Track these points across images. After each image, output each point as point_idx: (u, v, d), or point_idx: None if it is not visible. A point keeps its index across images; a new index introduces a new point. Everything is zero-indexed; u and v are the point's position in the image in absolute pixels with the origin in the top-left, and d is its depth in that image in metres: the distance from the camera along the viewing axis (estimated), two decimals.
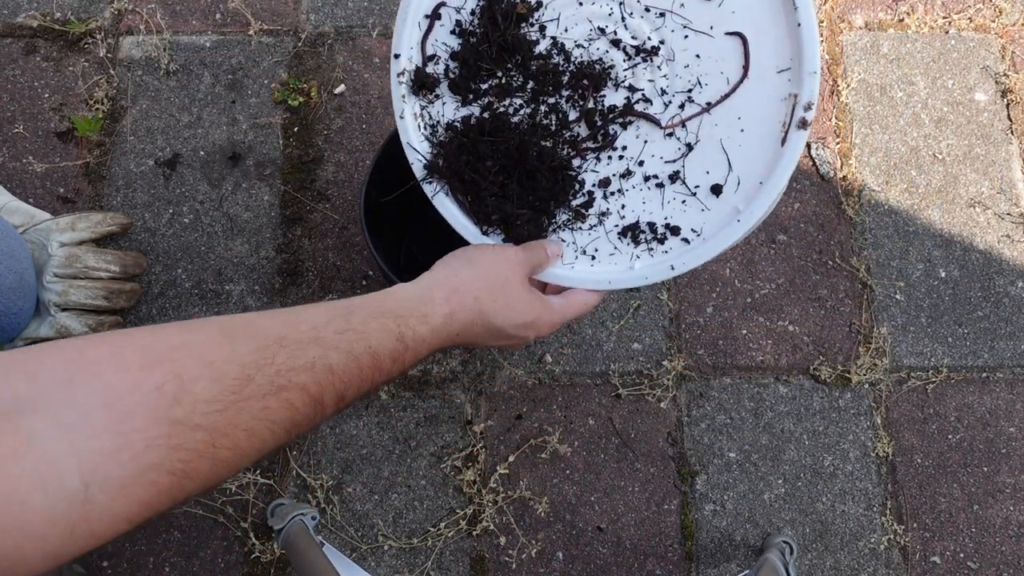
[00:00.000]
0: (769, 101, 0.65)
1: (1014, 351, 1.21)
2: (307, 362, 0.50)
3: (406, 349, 0.59)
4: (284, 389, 0.49)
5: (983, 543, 1.13)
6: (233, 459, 0.46)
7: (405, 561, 1.09)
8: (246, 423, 0.46)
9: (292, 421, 0.50)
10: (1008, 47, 1.36)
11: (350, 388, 0.54)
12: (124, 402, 0.41)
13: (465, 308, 0.64)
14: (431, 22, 0.71)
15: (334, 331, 0.54)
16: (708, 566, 1.11)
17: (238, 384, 0.46)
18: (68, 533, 0.39)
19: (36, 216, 1.14)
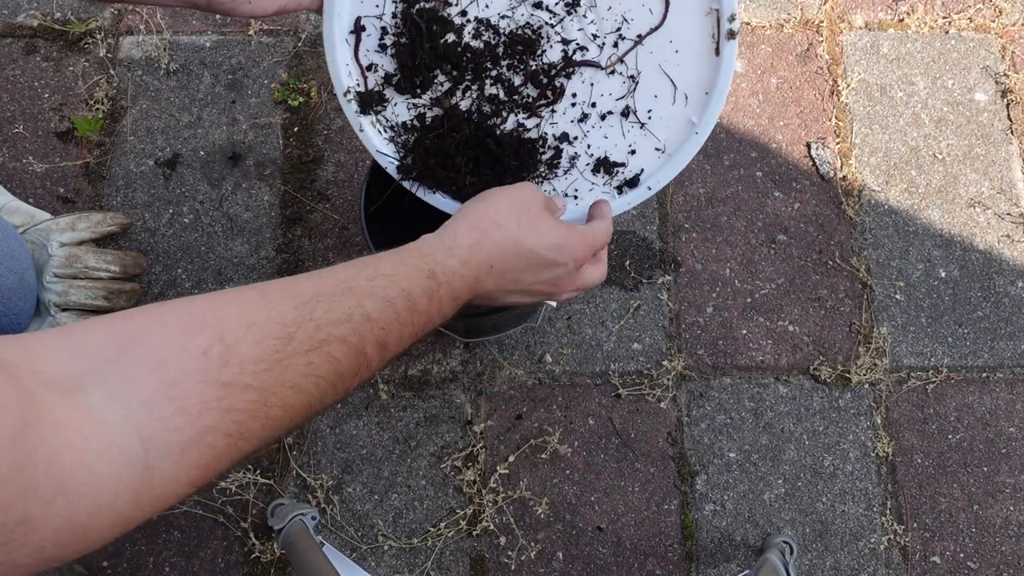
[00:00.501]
0: (694, 19, 0.70)
1: (1014, 351, 1.21)
2: (344, 314, 0.51)
3: (439, 285, 0.59)
4: (325, 343, 0.49)
5: (983, 543, 1.13)
6: (284, 416, 0.47)
7: (405, 561, 1.09)
8: (292, 380, 0.47)
9: (337, 374, 0.50)
10: (1008, 47, 1.36)
11: (391, 334, 0.54)
12: (174, 367, 0.42)
13: (489, 235, 0.63)
14: (357, 36, 0.74)
15: (365, 279, 0.54)
16: (708, 566, 1.11)
17: (280, 343, 0.47)
18: (134, 499, 0.40)
19: (36, 216, 1.14)
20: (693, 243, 1.24)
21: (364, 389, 1.16)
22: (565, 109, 0.75)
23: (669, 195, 1.26)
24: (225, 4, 0.67)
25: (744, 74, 1.33)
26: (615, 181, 0.77)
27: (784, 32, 1.36)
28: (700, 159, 1.28)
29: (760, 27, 1.35)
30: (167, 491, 0.42)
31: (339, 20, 0.72)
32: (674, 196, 1.26)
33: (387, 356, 0.56)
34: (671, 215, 1.25)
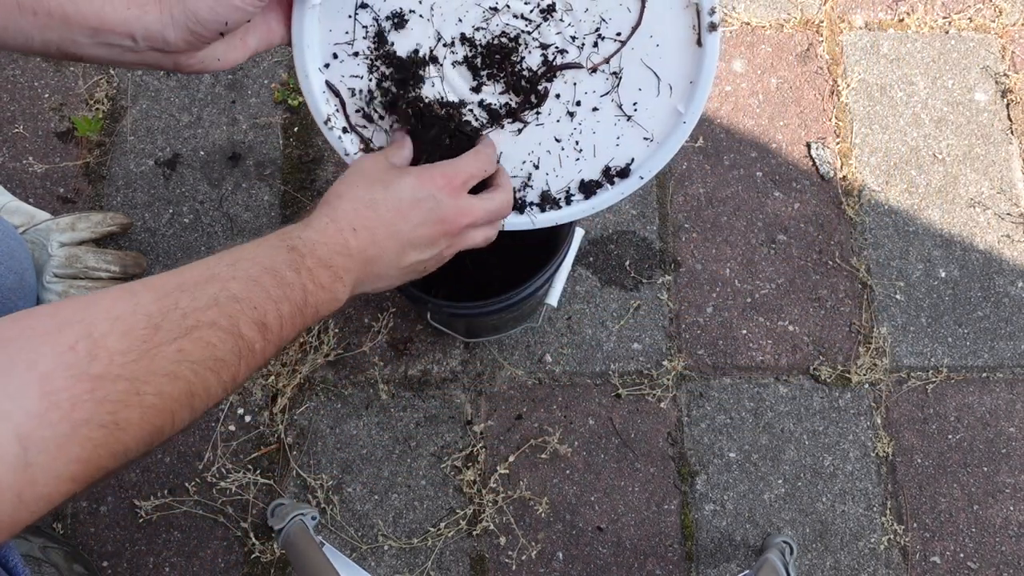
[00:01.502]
0: (673, 13, 0.69)
1: (1014, 351, 1.21)
2: (210, 299, 0.51)
3: (302, 256, 0.59)
4: (195, 329, 0.50)
5: (983, 543, 1.13)
6: (162, 405, 0.47)
7: (405, 561, 1.09)
8: (165, 368, 0.47)
9: (214, 358, 0.51)
10: (1008, 47, 1.36)
11: (267, 313, 0.54)
12: (43, 365, 0.43)
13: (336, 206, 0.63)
14: (329, 66, 0.74)
15: (226, 265, 0.55)
16: (708, 566, 1.11)
17: (148, 332, 0.47)
18: (16, 499, 0.40)
19: (36, 216, 1.14)
20: (693, 243, 1.24)
21: (364, 389, 1.16)
22: (550, 110, 0.76)
23: (669, 195, 1.26)
24: (193, 65, 0.67)
25: (744, 74, 1.33)
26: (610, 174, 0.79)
27: (784, 32, 1.36)
28: (700, 159, 1.28)
29: (760, 27, 1.35)
30: (50, 489, 0.42)
31: (310, 51, 0.71)
32: (674, 196, 1.26)
33: (272, 337, 0.55)
34: (671, 215, 1.25)
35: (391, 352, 1.17)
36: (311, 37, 0.71)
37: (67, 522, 1.09)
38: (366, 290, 0.67)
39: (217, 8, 0.62)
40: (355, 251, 0.63)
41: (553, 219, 0.81)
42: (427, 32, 0.71)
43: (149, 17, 0.62)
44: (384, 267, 0.66)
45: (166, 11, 0.62)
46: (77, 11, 0.60)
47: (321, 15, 0.70)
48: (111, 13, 0.61)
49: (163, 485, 1.11)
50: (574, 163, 0.79)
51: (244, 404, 1.15)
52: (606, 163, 0.79)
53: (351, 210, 0.64)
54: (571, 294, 1.21)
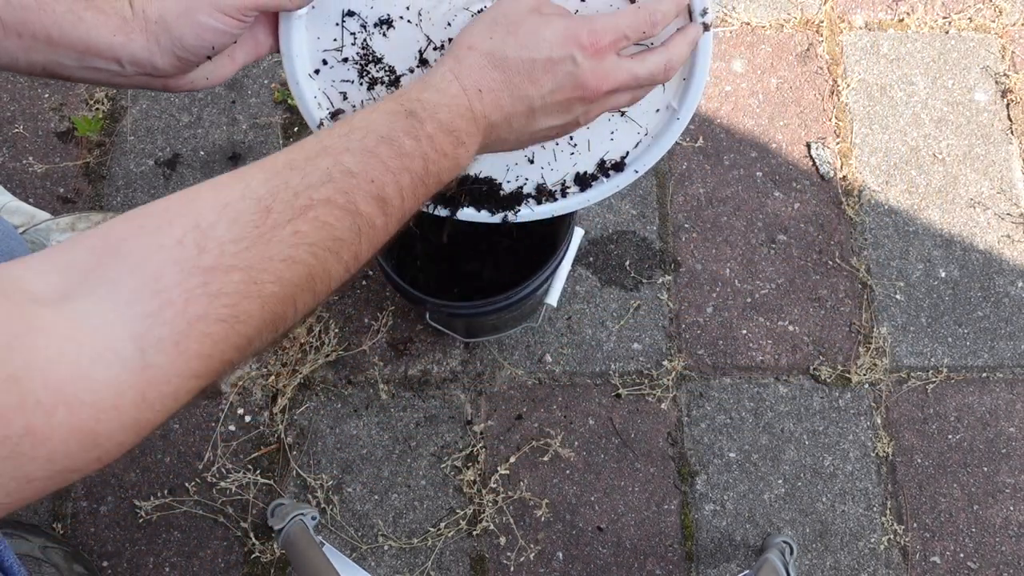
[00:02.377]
0: None
1: (1014, 351, 1.21)
2: (323, 175, 0.49)
3: (422, 122, 0.54)
4: (309, 208, 0.47)
5: (983, 543, 1.13)
6: (283, 292, 0.46)
7: (405, 561, 1.09)
8: (282, 253, 0.45)
9: (333, 238, 0.48)
10: (1008, 47, 1.36)
11: (386, 186, 0.51)
12: (152, 263, 0.42)
13: (463, 60, 0.57)
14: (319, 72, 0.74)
15: (339, 136, 0.51)
16: (708, 566, 1.11)
17: (259, 217, 0.45)
18: (140, 399, 0.40)
19: (36, 216, 1.14)
20: (693, 243, 1.24)
21: (364, 389, 1.16)
22: None
23: (669, 195, 1.26)
24: (183, 86, 0.66)
25: (744, 74, 1.33)
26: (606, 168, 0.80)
27: (784, 32, 1.36)
28: (700, 159, 1.28)
29: (760, 27, 1.36)
30: (173, 387, 0.41)
31: (299, 60, 0.71)
32: (674, 196, 1.26)
33: (393, 211, 0.52)
34: (671, 215, 1.25)
35: (391, 352, 1.17)
36: (299, 46, 0.71)
37: (67, 522, 1.09)
38: (492, 151, 0.62)
39: (202, 34, 0.62)
40: (479, 115, 0.58)
41: (549, 211, 0.81)
42: (416, 36, 0.71)
43: (135, 44, 0.61)
44: (511, 132, 0.61)
45: (152, 38, 0.62)
46: (63, 35, 0.60)
47: (308, 24, 0.70)
48: (97, 39, 0.61)
49: (163, 485, 1.11)
50: (568, 157, 0.80)
51: (244, 404, 1.15)
52: (601, 157, 0.79)
53: (478, 67, 0.57)
54: (571, 294, 1.21)
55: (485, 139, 0.59)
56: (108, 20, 0.61)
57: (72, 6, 0.60)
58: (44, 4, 0.59)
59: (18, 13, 0.58)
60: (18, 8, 0.58)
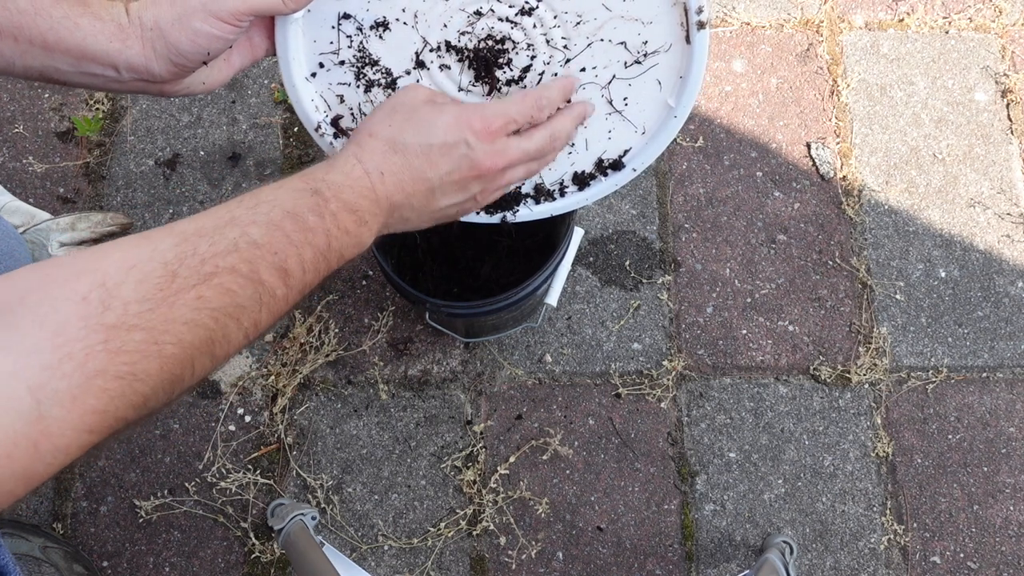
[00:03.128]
0: (660, 11, 0.68)
1: (1014, 351, 1.21)
2: (229, 244, 0.50)
3: (326, 200, 0.57)
4: (214, 275, 0.49)
5: (983, 543, 1.13)
6: (182, 354, 0.47)
7: (405, 561, 1.09)
8: (184, 316, 0.47)
9: (235, 305, 0.50)
10: (1008, 47, 1.36)
11: (288, 258, 0.53)
12: (56, 316, 0.42)
13: (366, 146, 0.61)
14: (316, 75, 0.74)
15: (246, 208, 0.53)
16: (708, 566, 1.11)
17: (164, 280, 0.46)
18: (32, 450, 0.40)
19: (36, 216, 1.14)
20: (693, 243, 1.24)
21: (364, 389, 1.16)
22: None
23: (669, 195, 1.26)
24: (179, 91, 0.66)
25: (744, 74, 1.33)
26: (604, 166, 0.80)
27: (784, 32, 1.36)
28: (700, 159, 1.28)
29: (760, 27, 1.36)
30: (66, 440, 0.42)
31: (295, 63, 0.71)
32: (674, 196, 1.26)
33: (294, 283, 0.54)
34: (671, 215, 1.25)
35: (391, 352, 1.17)
36: (296, 49, 0.70)
37: (67, 522, 1.09)
38: (394, 231, 0.65)
39: (198, 40, 0.61)
40: (381, 196, 0.60)
41: (548, 211, 0.81)
42: (412, 39, 0.71)
43: (131, 51, 0.61)
44: (412, 211, 0.63)
45: (148, 45, 0.61)
46: (58, 40, 0.60)
47: (304, 27, 0.69)
48: (93, 45, 0.60)
49: (163, 485, 1.11)
50: (566, 156, 0.79)
51: (244, 404, 1.15)
52: (599, 156, 0.79)
53: (379, 152, 0.61)
54: (571, 294, 1.21)
55: (387, 219, 0.62)
56: (104, 27, 0.60)
57: (68, 12, 0.60)
58: (40, 9, 0.59)
59: (13, 17, 0.58)
60: (13, 12, 0.58)
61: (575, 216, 0.91)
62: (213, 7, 0.60)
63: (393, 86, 0.74)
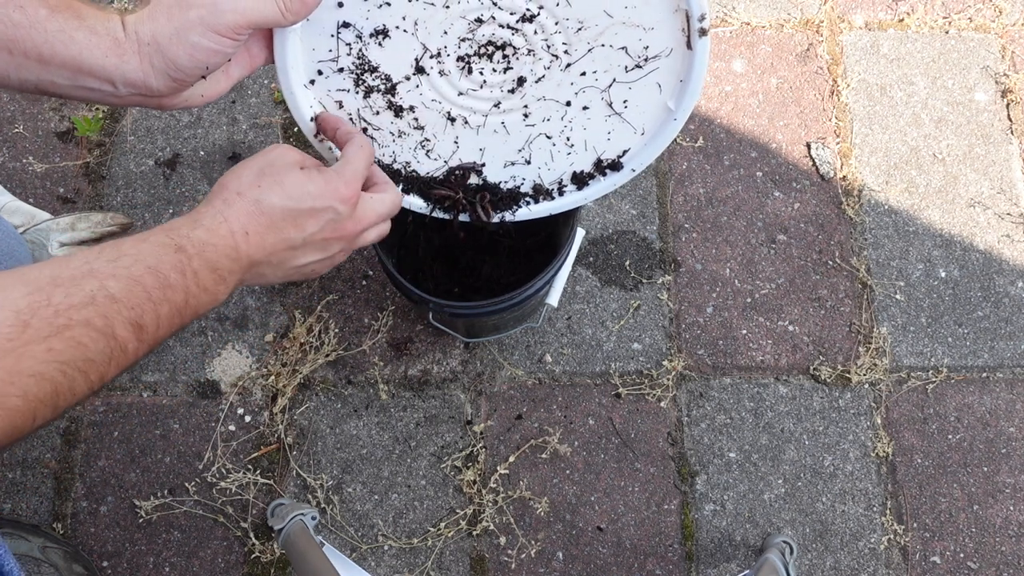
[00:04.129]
0: (662, 16, 0.68)
1: (1014, 351, 1.21)
2: (86, 296, 0.49)
3: (189, 258, 0.57)
4: (67, 328, 0.48)
5: (983, 543, 1.13)
6: (26, 407, 0.46)
7: (405, 561, 1.09)
8: (31, 368, 0.46)
9: (85, 359, 0.49)
10: (1008, 47, 1.36)
11: (145, 314, 0.53)
12: None
13: (231, 204, 0.61)
14: (315, 83, 0.73)
15: (107, 260, 0.52)
16: (708, 566, 1.11)
17: (15, 331, 0.45)
18: None
19: (36, 216, 1.14)
20: (693, 243, 1.24)
21: (364, 389, 1.16)
22: (540, 110, 0.76)
23: (669, 195, 1.26)
24: (177, 104, 0.66)
25: (744, 74, 1.33)
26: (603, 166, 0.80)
27: (784, 32, 1.36)
28: (700, 159, 1.28)
29: (760, 27, 1.36)
30: None
31: (294, 72, 0.71)
32: (674, 196, 1.26)
33: (147, 338, 0.54)
34: (671, 215, 1.25)
35: (391, 352, 1.17)
36: (294, 58, 0.70)
37: (67, 522, 1.09)
38: (250, 284, 0.66)
39: (196, 55, 0.61)
40: (243, 255, 0.61)
41: (547, 209, 0.81)
42: (412, 45, 0.70)
43: (129, 66, 0.61)
44: (271, 269, 0.64)
45: (145, 60, 0.61)
46: (54, 54, 0.59)
47: (303, 35, 0.69)
48: (89, 59, 0.60)
49: (163, 485, 1.11)
50: (565, 157, 0.80)
51: (244, 404, 1.15)
52: (598, 156, 0.79)
53: (246, 212, 0.61)
54: (571, 294, 1.21)
55: (244, 275, 0.63)
56: (100, 41, 0.60)
57: (64, 26, 0.59)
58: (35, 22, 0.58)
59: (8, 31, 0.57)
60: (8, 25, 0.57)
61: (578, 217, 0.92)
62: (211, 21, 0.60)
63: (393, 91, 0.73)
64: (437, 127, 0.76)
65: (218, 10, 0.60)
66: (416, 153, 0.79)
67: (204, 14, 0.60)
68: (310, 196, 0.63)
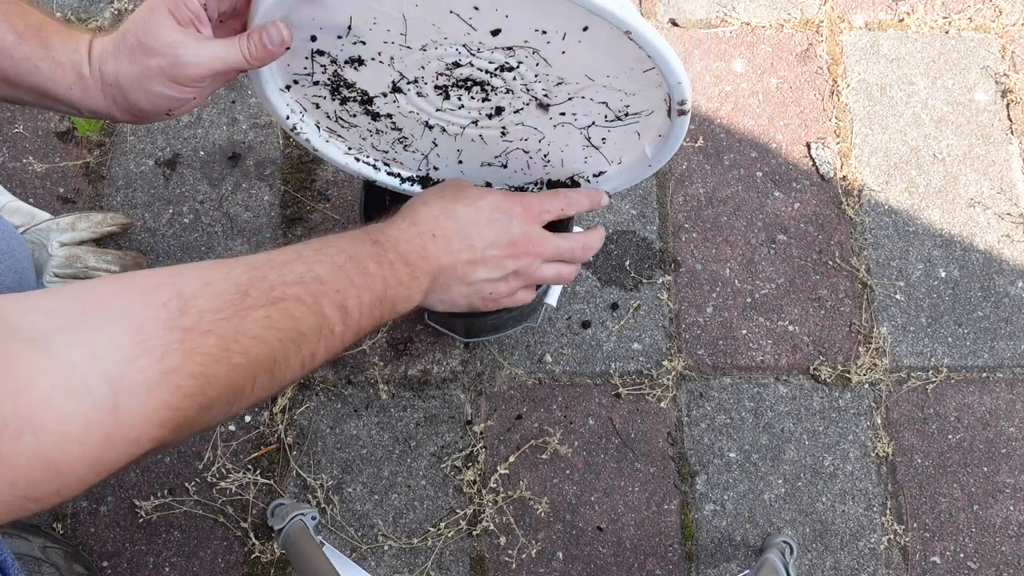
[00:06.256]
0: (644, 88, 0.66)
1: (1014, 351, 1.21)
2: (296, 276, 0.54)
3: (385, 250, 0.62)
4: (281, 300, 0.52)
5: (983, 543, 1.13)
6: (248, 365, 0.49)
7: (405, 561, 1.09)
8: (252, 330, 0.49)
9: (297, 331, 0.53)
10: (1008, 47, 1.36)
11: (348, 296, 0.57)
12: (136, 317, 0.44)
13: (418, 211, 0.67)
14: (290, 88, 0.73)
15: (313, 249, 0.58)
16: (708, 566, 1.11)
17: (237, 298, 0.49)
18: (105, 439, 0.41)
19: (36, 216, 1.14)
20: (693, 243, 1.24)
21: (364, 389, 1.16)
22: (518, 131, 0.75)
23: (669, 195, 1.26)
24: (146, 122, 0.67)
25: (744, 74, 1.33)
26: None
27: (784, 32, 1.36)
28: (700, 159, 1.28)
29: (760, 27, 1.36)
30: (138, 432, 0.43)
31: (269, 81, 0.70)
32: (674, 196, 1.26)
33: (352, 323, 0.58)
34: (671, 215, 1.25)
35: (391, 352, 1.17)
36: (269, 70, 0.69)
37: (67, 522, 1.09)
38: (434, 299, 0.70)
39: (158, 101, 0.62)
40: (431, 256, 0.66)
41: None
42: (388, 73, 0.69)
43: (92, 100, 0.61)
44: (454, 279, 0.68)
45: (109, 98, 0.61)
46: (20, 79, 0.60)
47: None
48: (53, 89, 0.60)
49: (163, 485, 1.11)
50: (542, 168, 0.80)
51: None
52: (573, 174, 0.80)
53: (432, 217, 0.67)
54: (571, 294, 1.21)
55: (433, 280, 0.67)
56: (64, 74, 0.60)
57: (30, 54, 0.59)
58: (2, 48, 0.58)
59: None
60: None
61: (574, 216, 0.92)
62: (172, 73, 0.60)
63: (369, 103, 0.73)
64: (415, 131, 0.76)
65: (179, 62, 0.60)
66: (395, 147, 0.79)
67: (165, 65, 0.60)
68: (489, 205, 0.69)
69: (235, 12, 0.64)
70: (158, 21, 0.60)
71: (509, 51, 0.63)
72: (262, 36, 0.61)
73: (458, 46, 0.63)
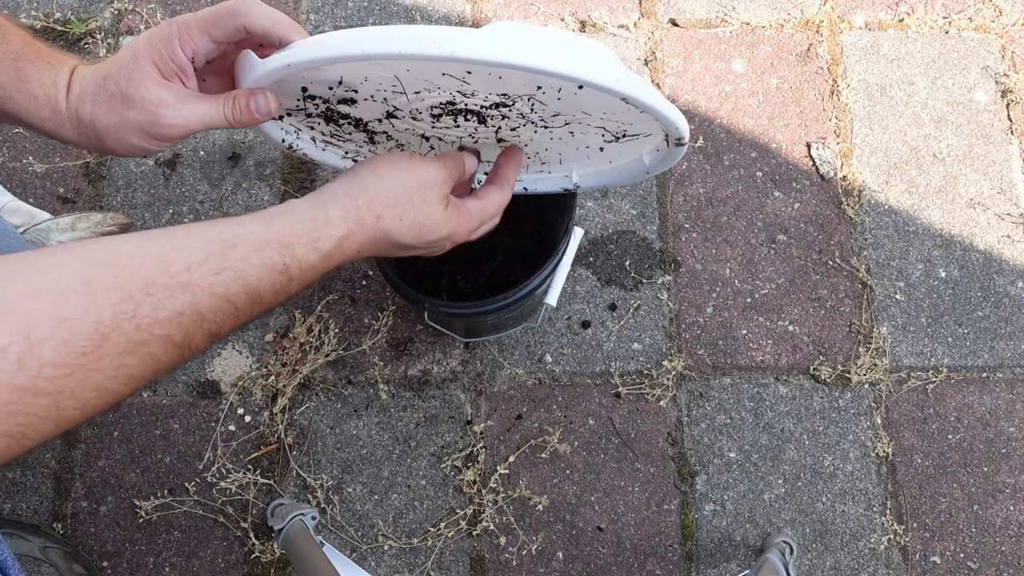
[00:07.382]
0: (642, 120, 0.67)
1: (1014, 351, 1.21)
2: (174, 312, 0.47)
3: (291, 281, 0.55)
4: (145, 344, 0.46)
5: (983, 543, 1.13)
6: (80, 417, 0.45)
7: (405, 561, 1.09)
8: (98, 383, 0.44)
9: (155, 371, 0.48)
10: (1008, 47, 1.36)
11: (224, 326, 0.52)
12: None
13: (365, 228, 0.59)
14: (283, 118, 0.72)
15: (209, 271, 0.50)
16: (708, 566, 1.11)
17: (91, 344, 0.44)
18: None
19: (36, 216, 1.14)
20: (693, 243, 1.24)
21: (364, 389, 1.16)
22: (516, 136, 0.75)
23: (669, 195, 1.26)
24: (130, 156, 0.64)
25: (744, 74, 1.33)
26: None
27: (784, 32, 1.35)
28: (700, 159, 1.28)
29: (760, 27, 1.35)
30: None
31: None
32: (674, 196, 1.26)
33: (216, 342, 0.53)
34: (671, 215, 1.25)
35: (391, 352, 1.17)
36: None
37: (67, 522, 1.09)
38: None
39: (132, 151, 0.60)
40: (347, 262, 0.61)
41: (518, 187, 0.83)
42: (382, 107, 0.68)
43: (66, 134, 0.60)
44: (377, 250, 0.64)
45: (83, 135, 0.60)
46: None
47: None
48: (27, 118, 0.59)
49: (163, 485, 1.11)
50: (539, 167, 0.81)
51: (244, 404, 1.15)
52: (568, 173, 0.81)
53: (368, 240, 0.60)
54: (571, 294, 1.21)
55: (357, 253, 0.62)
56: (39, 107, 0.59)
57: (4, 83, 0.58)
58: None
59: None
60: None
61: (573, 215, 0.92)
62: (151, 130, 0.58)
63: (365, 127, 0.72)
64: (412, 141, 0.76)
65: (159, 121, 0.58)
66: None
67: (144, 121, 0.58)
68: (438, 239, 0.64)
69: (224, 55, 0.62)
70: (142, 72, 0.57)
71: (504, 95, 0.63)
72: (249, 103, 0.60)
73: (452, 92, 0.63)
